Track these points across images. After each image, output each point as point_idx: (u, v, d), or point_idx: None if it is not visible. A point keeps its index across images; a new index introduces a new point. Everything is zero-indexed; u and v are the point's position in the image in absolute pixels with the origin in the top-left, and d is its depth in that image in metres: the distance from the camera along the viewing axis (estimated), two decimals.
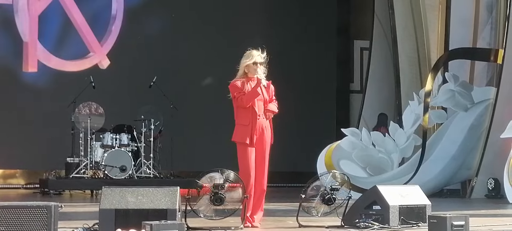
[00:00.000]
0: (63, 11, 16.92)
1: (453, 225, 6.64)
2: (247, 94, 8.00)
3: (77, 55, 17.05)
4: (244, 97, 8.00)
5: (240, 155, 8.10)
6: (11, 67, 16.60)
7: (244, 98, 8.00)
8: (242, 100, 8.01)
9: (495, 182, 13.74)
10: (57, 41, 16.95)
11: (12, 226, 5.58)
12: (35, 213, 5.66)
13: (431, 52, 16.09)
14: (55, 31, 16.94)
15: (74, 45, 17.02)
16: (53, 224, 5.60)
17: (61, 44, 16.97)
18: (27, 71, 16.65)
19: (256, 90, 8.02)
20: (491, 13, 15.11)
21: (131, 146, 15.13)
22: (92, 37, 17.07)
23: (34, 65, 16.69)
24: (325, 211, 8.36)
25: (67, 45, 17.02)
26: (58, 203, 5.78)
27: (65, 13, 16.93)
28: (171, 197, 7.44)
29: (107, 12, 17.28)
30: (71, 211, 9.54)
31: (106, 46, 17.19)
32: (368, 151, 14.37)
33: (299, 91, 18.02)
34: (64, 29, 16.99)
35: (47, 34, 16.84)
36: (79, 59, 17.05)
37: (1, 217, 5.61)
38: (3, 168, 16.85)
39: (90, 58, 17.11)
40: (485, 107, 14.42)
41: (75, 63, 17.01)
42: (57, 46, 16.92)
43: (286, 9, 18.53)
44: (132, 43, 17.38)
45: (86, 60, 17.08)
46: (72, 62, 16.99)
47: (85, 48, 17.08)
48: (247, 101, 8.01)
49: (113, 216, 7.30)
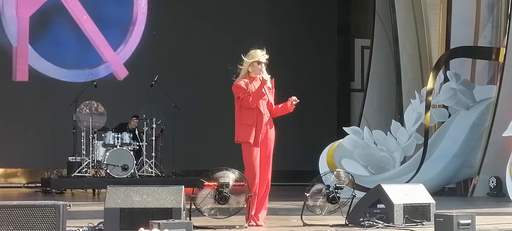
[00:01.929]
0: (62, 13, 16.88)
1: (460, 223, 6.64)
2: (253, 95, 8.00)
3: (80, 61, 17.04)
4: (251, 98, 7.99)
5: (245, 155, 8.09)
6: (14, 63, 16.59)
7: (250, 99, 7.99)
8: (248, 101, 8.01)
9: (497, 180, 13.75)
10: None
11: (20, 226, 5.58)
12: (44, 212, 5.65)
13: (432, 50, 16.09)
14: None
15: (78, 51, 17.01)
16: (62, 224, 5.60)
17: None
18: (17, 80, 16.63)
19: (262, 91, 8.03)
20: (492, 11, 15.12)
21: (133, 145, 15.13)
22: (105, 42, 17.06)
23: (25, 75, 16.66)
24: (329, 210, 8.36)
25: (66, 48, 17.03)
26: (67, 202, 5.78)
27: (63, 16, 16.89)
28: (176, 196, 7.45)
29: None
30: (74, 210, 9.50)
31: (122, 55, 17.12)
32: (370, 150, 14.37)
33: (299, 90, 17.84)
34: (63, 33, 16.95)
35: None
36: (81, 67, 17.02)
37: (9, 216, 5.60)
38: (5, 167, 16.85)
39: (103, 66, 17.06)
40: (487, 106, 14.42)
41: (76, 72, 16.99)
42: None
43: (287, 8, 18.53)
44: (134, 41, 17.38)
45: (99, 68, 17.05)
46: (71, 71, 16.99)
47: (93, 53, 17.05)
48: (253, 102, 8.01)
49: (118, 215, 7.31)
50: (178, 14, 17.76)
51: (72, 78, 16.74)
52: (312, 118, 18.40)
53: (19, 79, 16.56)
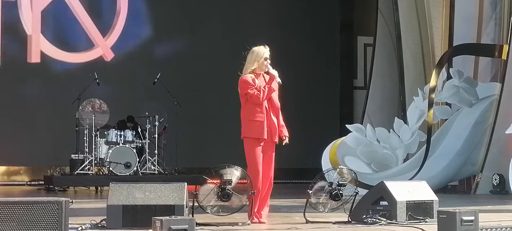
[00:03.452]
0: (66, 6, 16.92)
1: (463, 220, 6.62)
2: (263, 92, 8.00)
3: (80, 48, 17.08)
4: (260, 94, 7.98)
5: (248, 151, 8.09)
6: (16, 60, 16.58)
7: (260, 95, 7.98)
8: (257, 97, 7.99)
9: (500, 178, 13.73)
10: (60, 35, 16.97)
11: (22, 222, 5.57)
12: (46, 208, 5.64)
13: (435, 48, 16.07)
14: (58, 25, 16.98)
15: (77, 39, 17.03)
16: (64, 220, 5.59)
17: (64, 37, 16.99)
18: (30, 62, 16.65)
19: (272, 87, 8.05)
20: (495, 9, 15.09)
21: (135, 143, 15.13)
22: (96, 31, 17.09)
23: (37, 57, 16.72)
24: (332, 207, 8.35)
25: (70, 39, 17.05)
26: (69, 199, 5.77)
27: (68, 8, 16.93)
28: (179, 193, 7.45)
29: (112, 8, 17.29)
30: (77, 208, 9.52)
31: (109, 41, 17.20)
32: (372, 147, 14.35)
33: (302, 88, 18.01)
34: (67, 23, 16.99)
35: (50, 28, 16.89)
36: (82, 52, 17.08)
37: (11, 212, 5.59)
38: (7, 165, 16.86)
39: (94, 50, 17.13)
40: (490, 103, 14.39)
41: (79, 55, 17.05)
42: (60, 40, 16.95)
43: (290, 5, 18.52)
44: (136, 39, 17.38)
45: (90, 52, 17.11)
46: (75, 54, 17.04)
47: (89, 42, 17.10)
48: (263, 98, 8.01)
49: (121, 212, 7.32)
50: (183, 14, 17.76)
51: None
52: (315, 116, 18.40)
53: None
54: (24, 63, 16.63)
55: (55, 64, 16.87)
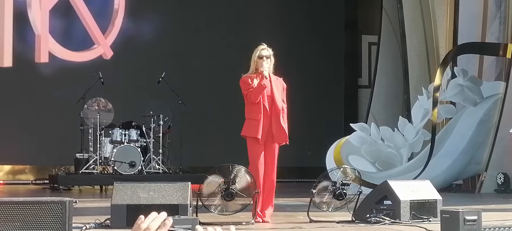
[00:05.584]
0: (71, 6, 16.96)
1: (466, 219, 6.62)
2: (253, 90, 8.03)
3: (84, 47, 17.13)
4: (251, 93, 8.03)
5: (249, 150, 8.12)
6: (24, 59, 16.61)
7: (251, 94, 8.03)
8: (250, 96, 8.07)
9: (505, 177, 13.73)
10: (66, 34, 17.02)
11: (26, 222, 5.59)
12: (50, 208, 5.66)
13: (440, 47, 16.06)
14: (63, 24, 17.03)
15: (81, 38, 17.08)
16: (68, 220, 5.60)
17: (69, 36, 17.04)
18: (39, 62, 16.69)
19: (261, 85, 8.05)
20: (499, 7, 15.08)
21: (140, 142, 15.14)
22: (98, 30, 17.12)
23: (45, 57, 16.76)
24: (336, 206, 8.36)
25: (75, 38, 17.08)
26: (73, 199, 5.79)
27: (73, 8, 16.97)
28: (183, 192, 7.46)
29: (111, 7, 17.33)
30: (81, 207, 9.54)
31: (109, 39, 17.24)
32: (377, 146, 14.36)
33: (307, 87, 18.01)
34: (72, 23, 17.03)
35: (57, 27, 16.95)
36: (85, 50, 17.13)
37: (16, 212, 5.61)
38: (13, 164, 16.89)
39: (95, 49, 17.18)
40: (494, 102, 14.38)
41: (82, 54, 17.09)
42: (66, 39, 17.00)
43: (294, 4, 18.52)
44: (140, 38, 17.40)
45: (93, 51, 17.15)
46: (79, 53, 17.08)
47: (92, 41, 17.15)
48: (254, 97, 8.05)
49: (125, 212, 7.34)
50: (187, 13, 17.77)
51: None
52: (319, 114, 18.41)
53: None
54: (33, 64, 16.65)
55: (61, 63, 16.90)
